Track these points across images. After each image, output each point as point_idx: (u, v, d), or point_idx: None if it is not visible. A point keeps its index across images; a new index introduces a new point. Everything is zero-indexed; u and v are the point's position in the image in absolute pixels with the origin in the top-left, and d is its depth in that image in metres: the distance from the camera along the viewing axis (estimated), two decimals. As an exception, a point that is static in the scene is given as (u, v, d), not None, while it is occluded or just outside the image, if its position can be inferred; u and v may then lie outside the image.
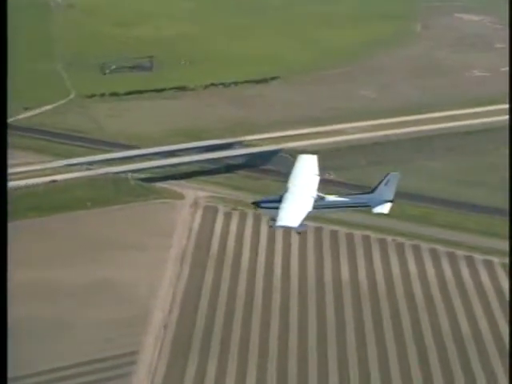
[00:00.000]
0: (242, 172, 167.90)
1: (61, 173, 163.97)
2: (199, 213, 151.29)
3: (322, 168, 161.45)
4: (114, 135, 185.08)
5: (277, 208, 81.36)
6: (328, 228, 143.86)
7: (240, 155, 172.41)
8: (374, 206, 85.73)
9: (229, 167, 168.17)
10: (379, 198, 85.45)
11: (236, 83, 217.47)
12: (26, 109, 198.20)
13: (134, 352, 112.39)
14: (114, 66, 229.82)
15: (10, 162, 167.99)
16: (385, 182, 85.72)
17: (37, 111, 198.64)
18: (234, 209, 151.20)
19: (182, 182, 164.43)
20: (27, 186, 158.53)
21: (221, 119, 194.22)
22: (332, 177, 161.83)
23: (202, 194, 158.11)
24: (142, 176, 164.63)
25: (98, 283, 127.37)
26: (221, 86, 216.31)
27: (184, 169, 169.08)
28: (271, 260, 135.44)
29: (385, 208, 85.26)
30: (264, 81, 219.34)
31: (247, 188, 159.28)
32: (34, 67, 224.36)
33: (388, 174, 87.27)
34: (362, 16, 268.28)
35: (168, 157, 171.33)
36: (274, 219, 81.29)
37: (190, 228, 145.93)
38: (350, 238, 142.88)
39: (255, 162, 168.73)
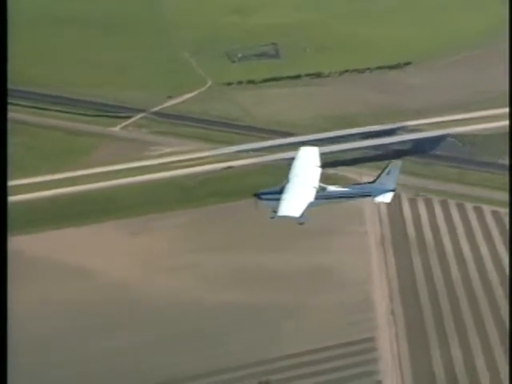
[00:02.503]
0: (411, 158, 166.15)
1: (231, 160, 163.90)
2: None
3: (497, 152, 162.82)
4: (266, 122, 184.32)
5: (278, 199, 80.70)
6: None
7: (405, 141, 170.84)
8: (375, 196, 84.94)
9: (396, 153, 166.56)
10: (381, 187, 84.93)
11: (370, 69, 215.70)
12: (169, 97, 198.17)
13: (371, 338, 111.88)
14: (240, 54, 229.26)
15: (172, 149, 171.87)
16: (387, 171, 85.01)
17: (180, 99, 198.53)
18: (417, 195, 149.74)
19: (351, 168, 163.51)
20: (201, 173, 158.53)
21: (367, 105, 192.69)
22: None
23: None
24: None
25: (311, 268, 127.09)
26: (355, 73, 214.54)
27: (350, 155, 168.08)
28: (475, 245, 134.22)
29: (386, 197, 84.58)
30: (397, 66, 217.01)
31: (420, 174, 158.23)
32: (162, 55, 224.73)
33: (390, 162, 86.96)
34: (480, 1, 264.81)
35: (330, 143, 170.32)
36: (275, 211, 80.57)
37: (379, 213, 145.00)
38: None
39: (423, 148, 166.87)
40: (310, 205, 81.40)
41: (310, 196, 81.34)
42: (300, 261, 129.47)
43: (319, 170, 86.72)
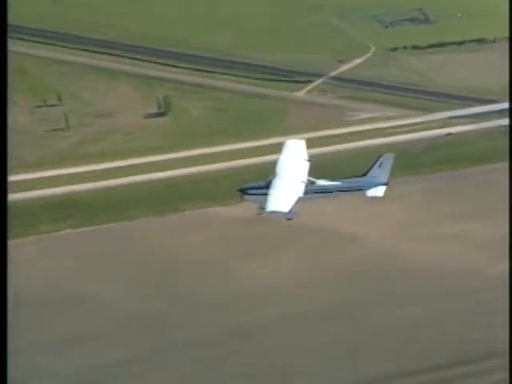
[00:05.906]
0: None
1: (443, 126, 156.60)
2: None
3: None
4: (453, 88, 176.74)
5: (265, 194, 76.57)
6: None
7: None
8: (367, 190, 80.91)
9: None
10: (373, 181, 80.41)
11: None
12: (341, 61, 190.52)
13: None
14: (390, 19, 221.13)
15: (371, 115, 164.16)
16: (378, 164, 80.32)
17: (351, 64, 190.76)
18: None
19: None
20: (421, 140, 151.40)
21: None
22: None
23: None
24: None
25: None
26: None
27: None
28: None
29: (379, 191, 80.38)
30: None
31: None
32: (311, 20, 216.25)
33: (381, 155, 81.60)
34: None
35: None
36: (262, 207, 76.59)
37: None
38: None
39: None
40: (299, 200, 76.52)
41: (299, 191, 77.14)
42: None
43: (307, 164, 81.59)
